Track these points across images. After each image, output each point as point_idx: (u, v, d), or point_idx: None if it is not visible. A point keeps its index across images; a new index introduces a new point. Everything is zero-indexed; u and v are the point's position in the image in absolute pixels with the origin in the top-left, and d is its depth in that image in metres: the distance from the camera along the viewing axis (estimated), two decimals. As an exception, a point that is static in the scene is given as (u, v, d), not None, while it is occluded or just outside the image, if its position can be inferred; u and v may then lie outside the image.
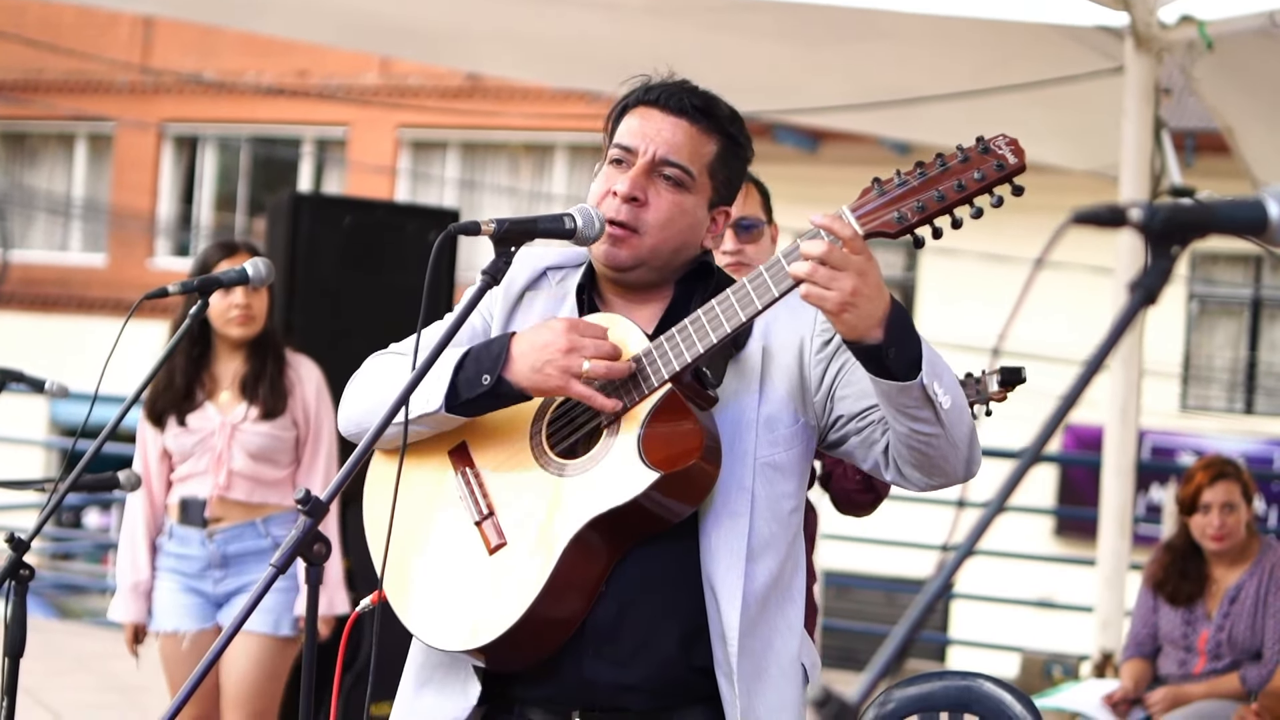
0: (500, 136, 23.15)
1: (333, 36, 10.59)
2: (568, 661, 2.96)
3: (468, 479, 3.05)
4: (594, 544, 2.91)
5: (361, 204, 8.51)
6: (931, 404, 2.77)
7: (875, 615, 16.61)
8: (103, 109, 24.45)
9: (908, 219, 2.73)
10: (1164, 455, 18.04)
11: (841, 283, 2.68)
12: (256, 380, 5.82)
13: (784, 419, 3.02)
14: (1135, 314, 1.64)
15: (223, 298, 5.77)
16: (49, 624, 13.81)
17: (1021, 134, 2.86)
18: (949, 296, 19.11)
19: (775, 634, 3.01)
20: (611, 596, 2.95)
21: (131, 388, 3.74)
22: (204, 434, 5.81)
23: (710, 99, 3.11)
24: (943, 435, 2.82)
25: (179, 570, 5.82)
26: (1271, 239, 1.72)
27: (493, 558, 2.97)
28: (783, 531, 3.03)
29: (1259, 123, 8.76)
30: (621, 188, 3.01)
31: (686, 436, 2.88)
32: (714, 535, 2.95)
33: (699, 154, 3.06)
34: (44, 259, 25.44)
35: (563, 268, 3.20)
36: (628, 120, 3.10)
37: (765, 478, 2.99)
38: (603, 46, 8.61)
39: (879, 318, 2.72)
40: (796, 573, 3.08)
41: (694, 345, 2.87)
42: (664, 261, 3.06)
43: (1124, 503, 7.89)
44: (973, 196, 2.73)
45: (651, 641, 2.96)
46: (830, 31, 8.32)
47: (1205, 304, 19.81)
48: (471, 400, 2.95)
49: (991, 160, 2.72)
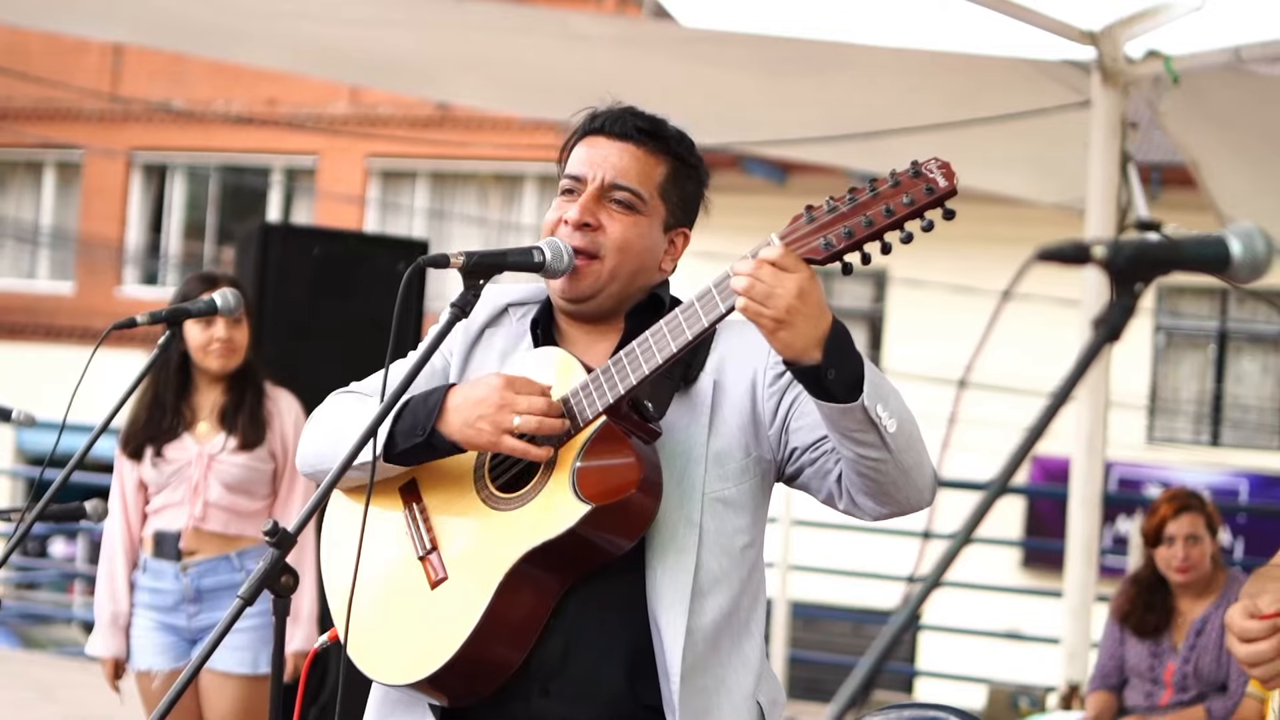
0: (470, 166, 23.16)
1: (302, 66, 10.60)
2: (516, 700, 2.95)
3: (414, 514, 3.05)
4: (532, 577, 2.90)
5: (330, 234, 8.51)
6: (875, 427, 2.74)
7: (842, 646, 16.60)
8: (71, 137, 24.40)
9: (834, 245, 2.71)
10: (1131, 487, 18.09)
11: (777, 300, 2.66)
12: (236, 411, 5.79)
13: (735, 454, 3.00)
14: (1099, 350, 1.65)
15: (203, 330, 5.75)
16: (13, 654, 13.75)
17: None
18: (916, 328, 19.15)
19: (728, 670, 2.99)
20: (558, 632, 2.94)
21: (100, 417, 3.73)
22: (180, 464, 5.77)
23: (656, 122, 3.12)
24: (889, 460, 2.79)
25: (153, 605, 5.78)
26: (1234, 277, 1.73)
27: (434, 592, 2.97)
28: (735, 568, 3.00)
29: (1225, 157, 8.81)
30: (572, 214, 3.02)
31: (622, 469, 2.86)
32: (659, 570, 2.94)
33: (648, 176, 3.07)
34: (11, 287, 25.36)
35: (524, 304, 3.21)
36: (576, 151, 3.11)
37: (714, 513, 2.97)
38: (573, 77, 8.63)
39: (817, 337, 2.69)
40: (755, 608, 3.06)
41: (627, 377, 2.86)
42: (622, 286, 3.06)
43: (1090, 535, 7.91)
44: (902, 222, 2.69)
45: (598, 678, 2.95)
46: (799, 64, 8.35)
47: (1172, 336, 19.89)
48: (407, 450, 2.96)
49: (921, 184, 2.68)
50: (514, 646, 2.92)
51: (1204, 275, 1.77)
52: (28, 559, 20.38)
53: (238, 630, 5.58)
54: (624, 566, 2.93)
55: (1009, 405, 14.56)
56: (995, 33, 7.77)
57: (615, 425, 2.90)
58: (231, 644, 5.63)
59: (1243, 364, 19.97)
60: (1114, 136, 7.79)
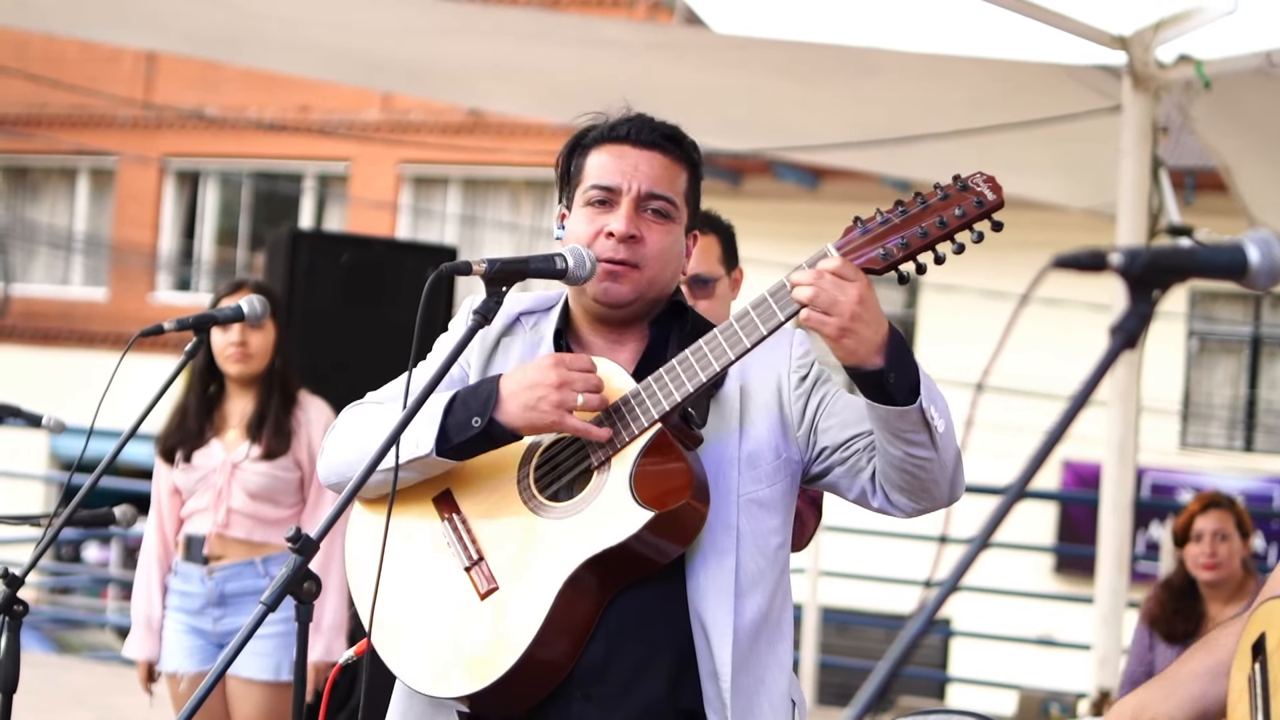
0: (501, 173, 23.17)
1: (334, 73, 10.62)
2: (555, 705, 2.96)
3: (454, 525, 3.05)
4: (586, 585, 2.91)
5: (360, 240, 8.53)
6: (928, 427, 2.81)
7: (874, 652, 16.57)
8: (105, 143, 24.49)
9: (893, 255, 2.80)
10: (1163, 493, 18.02)
11: (841, 308, 2.73)
12: (261, 419, 5.81)
13: (766, 455, 3.03)
14: (1116, 357, 1.65)
15: (222, 335, 5.78)
16: (47, 659, 13.80)
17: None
18: (949, 333, 19.11)
19: (767, 670, 3.01)
20: (600, 638, 2.95)
21: (129, 422, 3.75)
22: (207, 471, 5.80)
23: (675, 129, 3.16)
24: (935, 459, 2.85)
25: (182, 608, 5.81)
26: (1251, 283, 1.73)
27: (484, 603, 2.96)
28: (770, 567, 3.03)
29: (1256, 162, 8.79)
30: (618, 227, 3.03)
31: (676, 475, 2.89)
32: (702, 573, 2.95)
33: (675, 183, 3.10)
34: (45, 293, 25.46)
35: (534, 312, 3.22)
36: (597, 158, 3.12)
37: (750, 514, 3.00)
38: (605, 83, 8.64)
39: (878, 343, 2.77)
40: (785, 608, 3.08)
41: (683, 385, 2.89)
42: (658, 293, 3.09)
43: (1122, 540, 7.88)
44: (955, 232, 2.79)
45: (639, 683, 2.96)
46: (831, 69, 8.35)
47: (1205, 341, 19.82)
48: (463, 444, 2.95)
49: (971, 197, 2.78)
50: (567, 653, 2.93)
51: (1224, 281, 1.77)
52: (61, 564, 20.48)
53: (262, 637, 5.60)
54: (664, 572, 2.95)
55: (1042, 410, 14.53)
56: (1026, 38, 7.76)
57: (667, 432, 2.92)
58: (256, 650, 5.65)
59: (1277, 369, 19.88)
60: (1145, 141, 7.77)
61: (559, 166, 3.20)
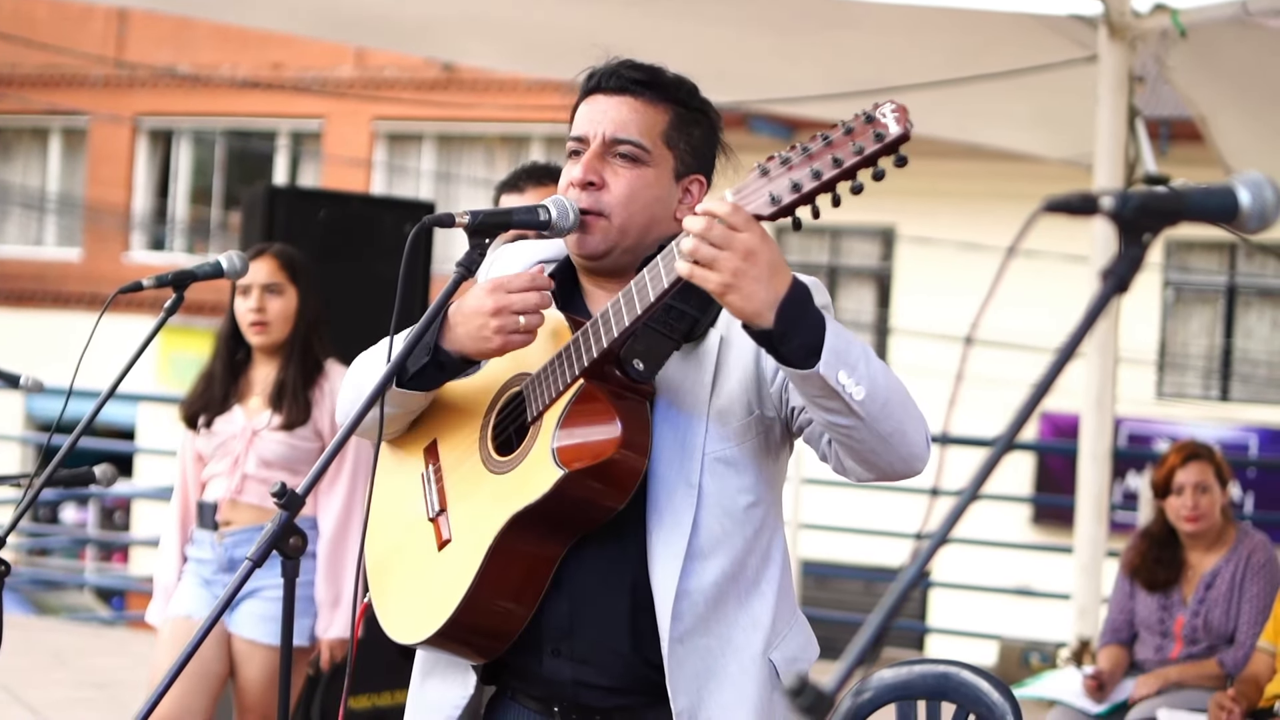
0: (476, 128, 23.13)
1: (307, 28, 10.58)
2: (528, 658, 2.97)
3: (430, 474, 3.07)
4: (525, 540, 2.89)
5: (337, 196, 8.50)
6: (838, 395, 2.65)
7: (854, 604, 16.63)
8: (77, 103, 24.39)
9: (780, 200, 2.61)
10: (1140, 443, 18.09)
11: (723, 263, 2.58)
12: (282, 388, 5.75)
13: (736, 411, 2.95)
14: (1107, 302, 1.64)
15: (243, 302, 5.71)
16: (26, 620, 13.79)
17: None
18: (926, 285, 19.13)
19: (735, 630, 2.96)
20: (564, 594, 2.94)
21: (107, 382, 3.73)
22: (226, 437, 5.74)
23: (653, 70, 3.06)
24: (860, 426, 2.70)
25: (196, 573, 5.78)
26: (1242, 226, 1.72)
27: (440, 553, 2.98)
28: (738, 528, 2.96)
29: (1232, 111, 8.79)
30: (576, 174, 2.98)
31: (601, 431, 2.83)
32: (655, 533, 2.91)
33: (650, 127, 3.01)
34: (19, 254, 25.39)
35: (554, 260, 3.16)
36: (579, 112, 3.07)
37: (715, 473, 2.93)
38: (579, 36, 8.57)
39: (769, 300, 2.61)
40: (765, 566, 3.02)
41: (600, 339, 2.83)
42: (635, 240, 3.00)
43: (1100, 490, 7.92)
44: (853, 171, 2.56)
45: (605, 639, 2.94)
46: (805, 21, 8.33)
47: (1181, 291, 19.87)
48: (417, 374, 2.95)
49: (871, 130, 2.55)
50: (515, 606, 2.92)
51: (1212, 226, 1.76)
52: (39, 525, 20.45)
53: (268, 599, 5.61)
54: (626, 529, 2.92)
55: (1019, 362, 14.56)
56: (1002, -12, 7.75)
57: (599, 387, 2.86)
58: (261, 613, 5.64)
59: (1252, 318, 19.95)
60: (1121, 91, 7.77)
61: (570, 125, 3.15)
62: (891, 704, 3.61)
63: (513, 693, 3.06)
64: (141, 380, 19.58)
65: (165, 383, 20.31)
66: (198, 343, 7.92)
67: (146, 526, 20.90)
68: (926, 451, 2.82)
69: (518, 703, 3.05)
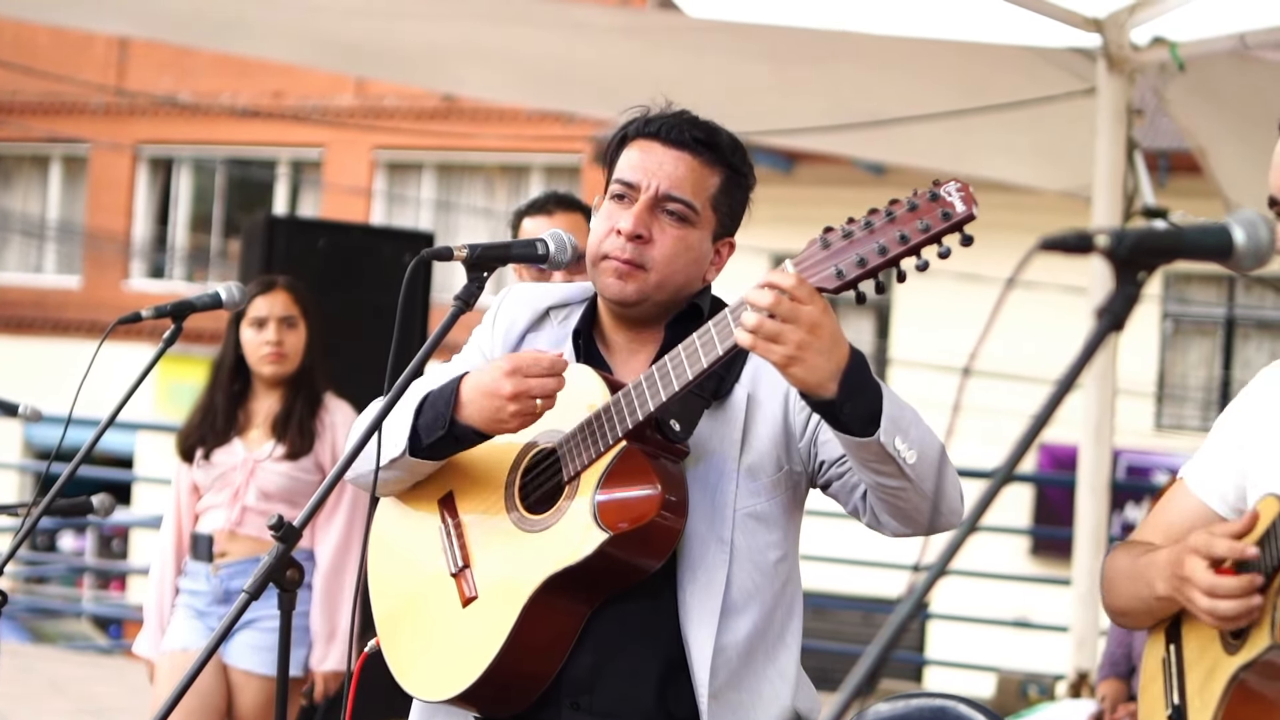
0: (476, 158, 23.14)
1: (308, 58, 10.59)
2: (545, 713, 2.96)
3: (449, 529, 3.04)
4: (558, 599, 2.89)
5: (336, 226, 8.51)
6: (894, 460, 2.70)
7: (852, 635, 16.58)
8: (77, 130, 24.41)
9: (846, 275, 2.62)
10: (1139, 474, 18.06)
11: (788, 336, 2.59)
12: (286, 419, 5.74)
13: (767, 467, 2.97)
14: (1102, 340, 1.65)
15: (256, 334, 5.72)
16: (23, 648, 13.75)
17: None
18: (923, 316, 19.12)
19: (763, 683, 2.98)
20: (588, 649, 2.93)
21: (105, 411, 3.73)
22: (226, 469, 5.73)
23: (712, 130, 3.05)
24: (909, 488, 2.76)
25: (189, 605, 5.76)
26: (1237, 264, 1.73)
27: (465, 610, 2.97)
28: (767, 582, 2.99)
29: (1231, 143, 8.79)
30: (626, 225, 2.95)
31: (643, 494, 2.84)
32: (689, 590, 2.92)
33: (702, 187, 3.00)
34: (19, 281, 25.37)
35: (566, 305, 3.16)
36: (628, 153, 3.03)
37: (746, 529, 2.95)
38: (578, 68, 8.63)
39: (832, 371, 2.63)
40: (789, 619, 3.04)
41: (645, 402, 2.82)
42: (669, 296, 3.01)
43: (1099, 522, 7.90)
44: (918, 249, 2.60)
45: (630, 694, 2.94)
46: (805, 53, 8.35)
47: (1179, 323, 19.87)
48: (433, 444, 2.95)
49: (938, 209, 2.58)
50: (542, 665, 2.92)
51: (1208, 263, 1.77)
52: (36, 553, 20.40)
53: (264, 630, 5.60)
54: (656, 584, 2.92)
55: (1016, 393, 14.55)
56: (1000, 20, 7.76)
57: (638, 448, 2.87)
58: (257, 644, 5.63)
59: (1250, 350, 19.94)
60: (1119, 123, 7.78)
61: (605, 156, 3.11)
62: (888, 737, 3.60)
63: None
64: (140, 409, 19.55)
65: (164, 411, 20.28)
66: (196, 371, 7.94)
67: (144, 555, 20.84)
68: (964, 509, 2.86)
69: None
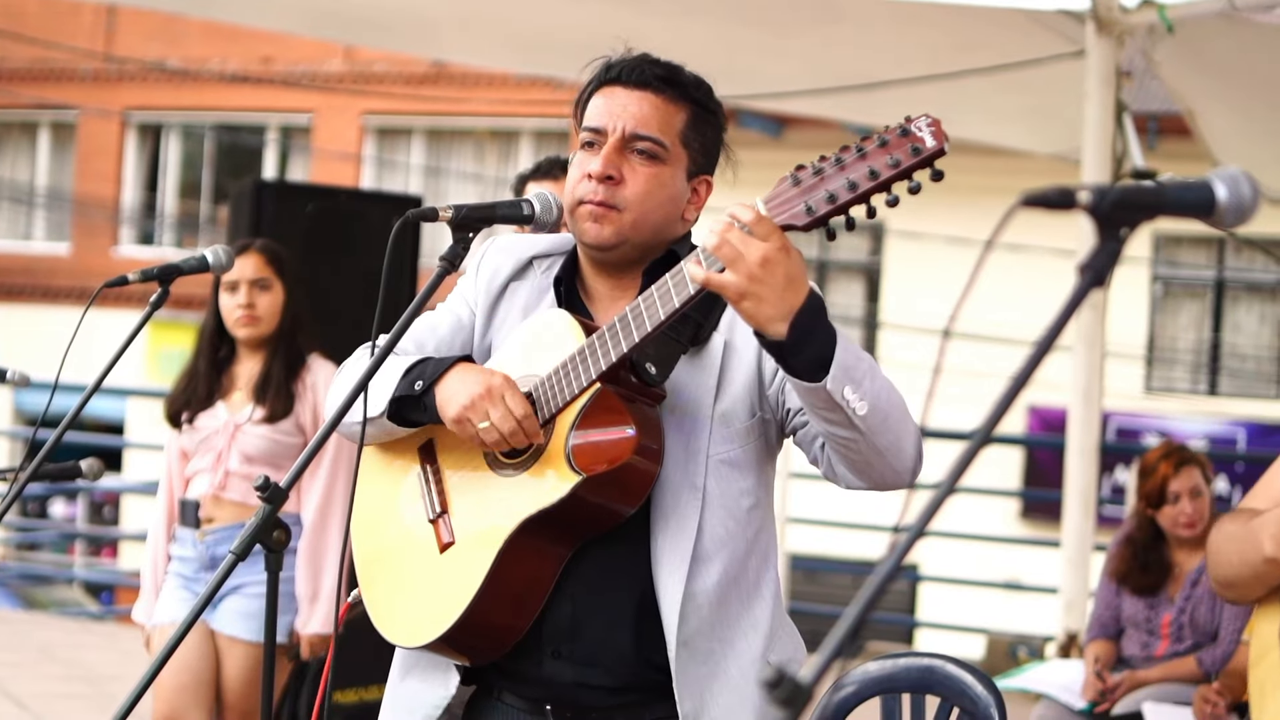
0: (465, 123, 23.11)
1: (297, 24, 10.56)
2: (529, 661, 2.96)
3: (428, 476, 3.04)
4: (534, 543, 2.89)
5: (325, 191, 8.48)
6: (842, 409, 2.67)
7: (842, 598, 16.60)
8: (66, 97, 24.35)
9: (816, 210, 2.60)
10: (1128, 437, 18.11)
11: (739, 268, 2.58)
12: (265, 382, 5.73)
13: (740, 414, 2.96)
14: (1084, 296, 1.65)
15: (230, 297, 5.71)
16: (14, 615, 13.78)
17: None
18: (914, 280, 19.13)
19: (736, 633, 2.98)
20: (567, 596, 2.94)
21: (94, 376, 3.73)
22: (209, 433, 5.72)
23: (673, 68, 3.05)
24: (860, 440, 2.73)
25: (179, 572, 5.75)
26: (1219, 221, 1.73)
27: (443, 556, 2.97)
28: (740, 529, 2.98)
29: (1220, 105, 8.80)
30: (595, 168, 2.95)
31: (617, 437, 2.83)
32: (661, 538, 2.92)
33: (669, 124, 3.00)
34: (8, 248, 25.33)
35: (550, 255, 3.15)
36: (593, 102, 3.03)
37: (719, 475, 2.95)
38: (567, 32, 8.60)
39: (784, 311, 2.60)
40: (764, 568, 3.04)
41: (619, 343, 2.81)
42: (646, 237, 2.99)
43: (1088, 484, 7.93)
44: (888, 184, 2.57)
45: (608, 641, 2.95)
46: (793, 16, 8.33)
47: (1169, 286, 19.88)
48: (400, 399, 2.96)
49: (908, 144, 2.55)
50: (520, 611, 2.92)
51: (1191, 220, 1.77)
52: (28, 519, 20.41)
53: (251, 596, 5.60)
54: (631, 531, 2.92)
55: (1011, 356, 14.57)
56: (989, -17, 7.76)
57: (612, 391, 2.86)
58: (242, 610, 5.62)
59: (1240, 313, 19.97)
60: (1108, 86, 7.78)
61: (574, 117, 3.11)
62: (875, 698, 3.61)
63: (498, 693, 3.05)
64: (130, 375, 19.55)
65: (154, 377, 20.26)
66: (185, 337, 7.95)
67: (135, 521, 20.86)
68: (919, 465, 2.85)
69: (503, 702, 3.05)
